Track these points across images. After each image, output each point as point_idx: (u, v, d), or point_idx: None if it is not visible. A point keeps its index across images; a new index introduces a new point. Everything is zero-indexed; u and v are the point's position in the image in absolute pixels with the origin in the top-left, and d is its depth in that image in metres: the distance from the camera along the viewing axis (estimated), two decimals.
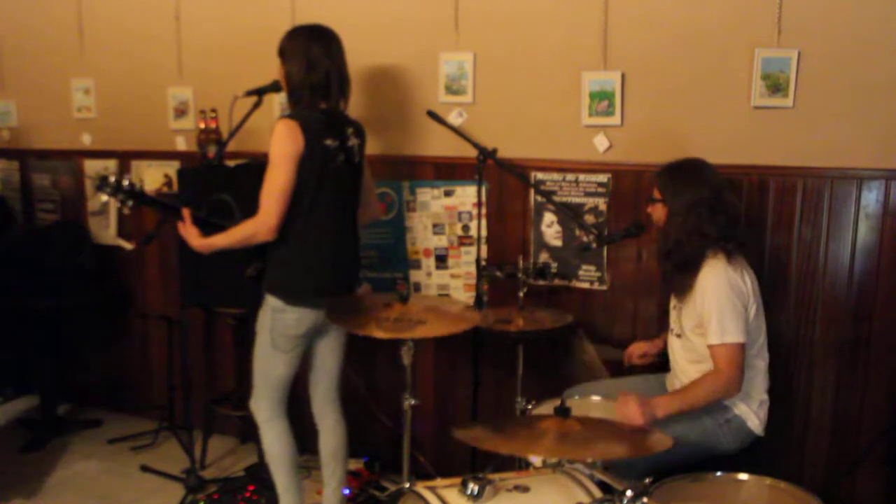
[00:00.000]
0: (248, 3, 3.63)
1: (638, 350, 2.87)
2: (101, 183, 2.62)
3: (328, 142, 2.62)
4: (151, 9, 3.86)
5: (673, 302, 2.65)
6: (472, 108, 3.25)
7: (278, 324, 2.67)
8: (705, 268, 2.46)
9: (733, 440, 2.50)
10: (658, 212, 2.58)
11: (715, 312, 2.39)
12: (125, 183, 2.63)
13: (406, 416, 2.65)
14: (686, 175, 2.53)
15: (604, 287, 3.14)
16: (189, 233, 2.67)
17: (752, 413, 2.51)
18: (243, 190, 2.91)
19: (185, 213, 2.67)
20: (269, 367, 2.75)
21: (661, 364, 2.83)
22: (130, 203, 2.63)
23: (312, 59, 2.61)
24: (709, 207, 2.46)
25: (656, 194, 2.58)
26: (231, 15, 3.68)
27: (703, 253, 2.47)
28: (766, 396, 2.56)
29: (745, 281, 2.46)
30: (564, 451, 1.95)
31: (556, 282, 3.20)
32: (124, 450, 3.89)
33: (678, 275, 2.53)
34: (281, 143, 2.54)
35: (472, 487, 1.88)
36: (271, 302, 2.67)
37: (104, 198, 2.61)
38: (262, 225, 2.55)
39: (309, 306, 2.64)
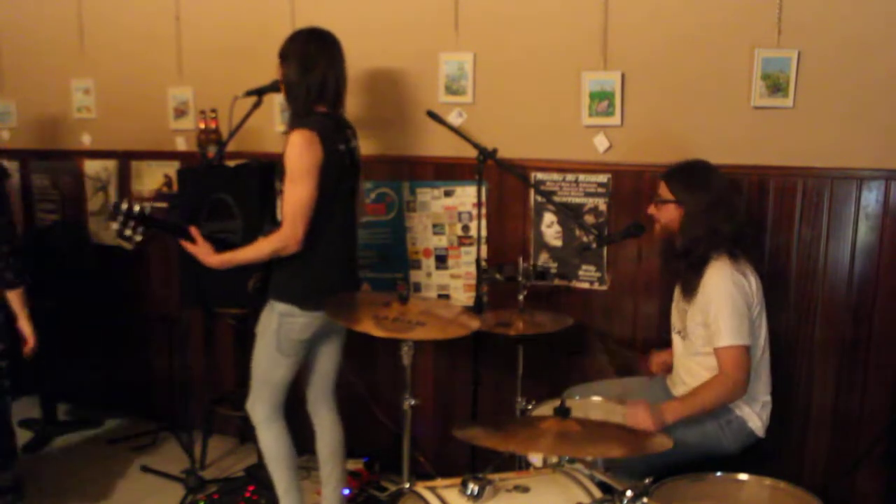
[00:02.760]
0: (248, 3, 3.63)
1: (659, 360, 2.84)
2: (115, 212, 2.55)
3: (340, 147, 2.63)
4: (151, 9, 3.86)
5: (677, 301, 2.66)
6: (472, 108, 3.25)
7: (285, 328, 2.66)
8: (711, 269, 2.46)
9: (734, 441, 2.50)
10: (669, 212, 2.56)
11: (721, 315, 2.40)
12: (136, 209, 2.56)
13: (406, 416, 2.65)
14: (700, 176, 2.54)
15: (604, 287, 3.14)
16: (202, 251, 2.62)
17: (753, 414, 2.51)
18: (243, 190, 2.92)
19: (195, 232, 2.63)
20: (271, 371, 2.74)
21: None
22: (141, 229, 2.57)
23: (310, 60, 2.61)
24: (724, 208, 2.49)
25: (666, 194, 2.57)
26: (231, 15, 3.68)
27: (712, 253, 2.48)
28: (768, 398, 2.56)
29: (750, 282, 2.47)
30: (564, 450, 1.95)
31: (556, 282, 3.20)
32: (124, 450, 3.89)
33: (689, 274, 2.53)
34: (302, 156, 2.53)
35: (472, 487, 1.87)
36: (279, 307, 2.66)
37: (115, 226, 2.55)
38: (290, 238, 2.54)
39: (320, 310, 2.64)
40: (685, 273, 2.56)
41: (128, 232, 2.55)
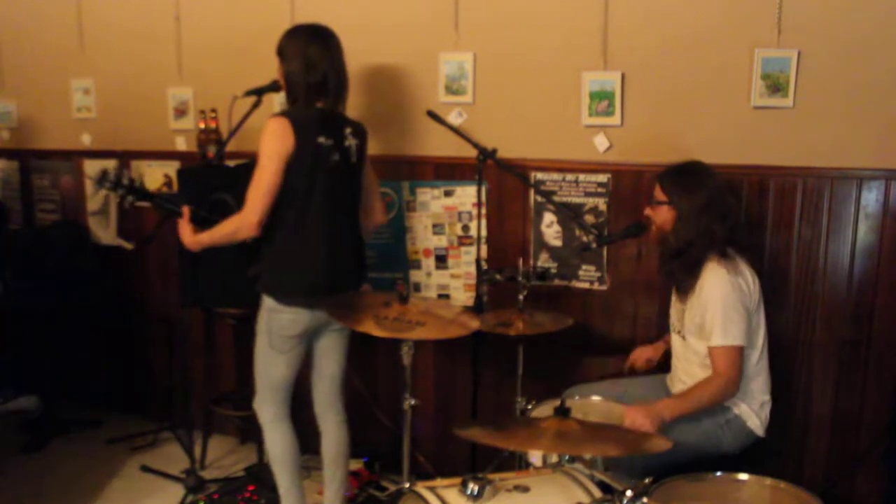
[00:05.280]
0: (248, 3, 3.63)
1: (643, 356, 2.86)
2: (101, 177, 2.67)
3: (321, 140, 2.61)
4: (151, 9, 3.86)
5: (675, 302, 2.66)
6: (472, 108, 3.25)
7: (274, 324, 2.68)
8: (707, 270, 2.47)
9: (734, 441, 2.50)
10: (663, 214, 2.57)
11: (718, 315, 2.41)
12: (125, 180, 2.67)
13: (406, 416, 2.65)
14: (693, 177, 2.55)
15: (604, 287, 3.14)
16: (184, 230, 2.71)
17: (752, 414, 2.52)
18: (243, 190, 2.91)
19: (185, 210, 2.70)
20: (269, 368, 2.75)
21: (661, 365, 2.84)
22: (130, 198, 2.67)
23: (311, 58, 2.62)
24: (717, 209, 2.50)
25: (660, 196, 2.58)
26: (231, 15, 3.68)
27: (706, 254, 2.48)
28: (768, 397, 2.57)
29: (748, 280, 2.48)
30: (563, 447, 1.95)
31: (556, 282, 3.20)
32: (124, 450, 3.89)
33: (683, 275, 2.54)
34: (269, 141, 2.55)
35: (472, 487, 1.88)
36: (267, 302, 2.68)
37: (104, 192, 2.66)
38: (244, 221, 2.56)
39: (303, 306, 2.65)
40: (680, 274, 2.56)
41: (116, 198, 2.67)
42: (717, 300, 2.42)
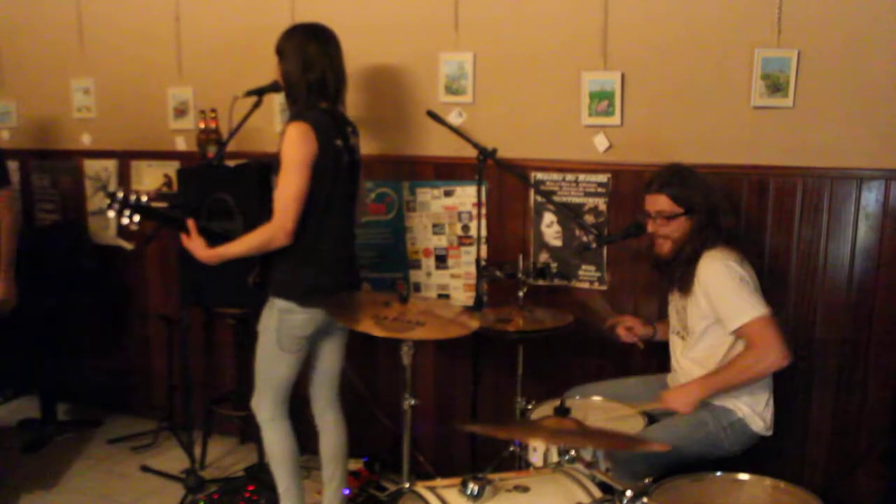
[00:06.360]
0: (248, 3, 3.63)
1: (626, 323, 2.82)
2: (111, 200, 2.57)
3: (338, 142, 2.63)
4: (151, 9, 3.86)
5: (675, 302, 2.65)
6: (472, 108, 3.25)
7: (285, 325, 2.66)
8: (703, 260, 2.47)
9: (736, 442, 2.50)
10: (681, 225, 2.52)
11: (728, 297, 2.40)
12: (132, 198, 2.58)
13: (406, 416, 2.65)
14: (692, 178, 2.54)
15: (604, 287, 3.14)
16: (195, 244, 2.63)
17: (756, 416, 2.51)
18: (243, 190, 2.92)
19: (191, 224, 2.64)
20: (273, 368, 2.74)
21: (664, 364, 2.84)
22: (137, 218, 2.58)
23: (309, 58, 2.62)
24: (719, 204, 2.52)
25: (672, 208, 2.51)
26: (231, 15, 3.68)
27: (705, 246, 2.48)
28: (770, 397, 2.56)
29: (745, 267, 2.47)
30: (560, 439, 1.96)
31: (556, 281, 3.20)
32: (124, 450, 3.89)
33: (682, 272, 2.52)
34: (295, 148, 2.53)
35: (472, 487, 1.87)
36: (278, 303, 2.66)
37: (111, 214, 2.58)
38: (279, 230, 2.53)
39: (320, 307, 2.64)
40: (679, 271, 2.54)
41: (124, 220, 2.57)
42: (717, 282, 2.42)
